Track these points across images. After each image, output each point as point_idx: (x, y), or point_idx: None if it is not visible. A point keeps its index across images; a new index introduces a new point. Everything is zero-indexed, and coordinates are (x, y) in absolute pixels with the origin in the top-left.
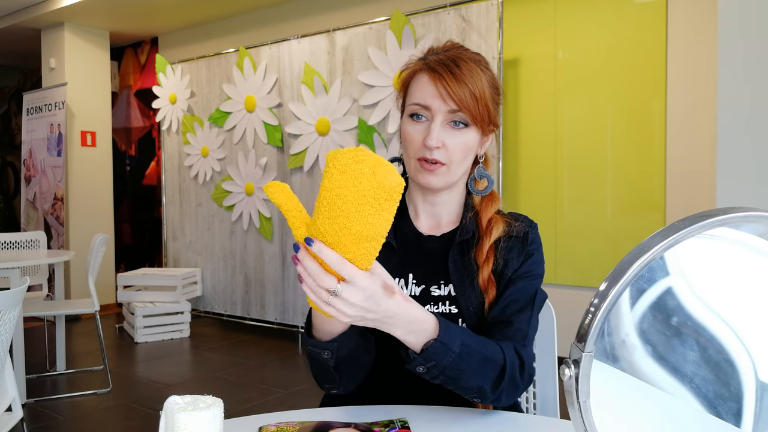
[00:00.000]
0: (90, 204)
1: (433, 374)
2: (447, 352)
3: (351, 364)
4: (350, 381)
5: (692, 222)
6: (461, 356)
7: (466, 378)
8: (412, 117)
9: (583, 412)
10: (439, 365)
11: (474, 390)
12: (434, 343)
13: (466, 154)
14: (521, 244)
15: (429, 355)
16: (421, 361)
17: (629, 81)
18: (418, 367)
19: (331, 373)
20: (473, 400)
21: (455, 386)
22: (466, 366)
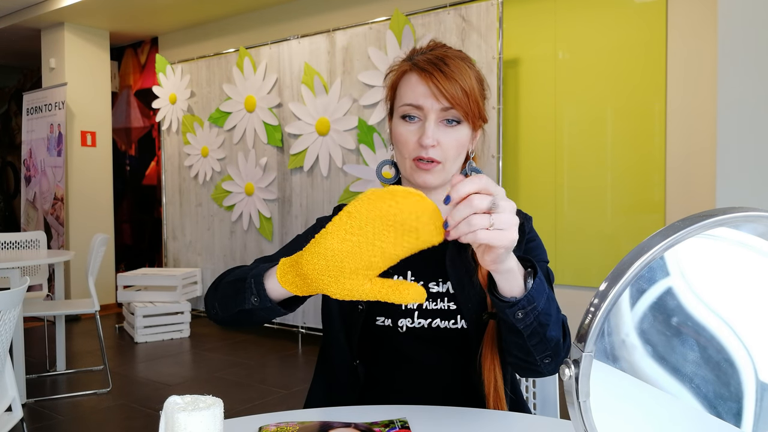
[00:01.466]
0: (90, 204)
1: (528, 320)
2: (543, 293)
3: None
4: (233, 323)
5: (692, 222)
6: (550, 300)
7: (551, 327)
8: (404, 118)
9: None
10: (537, 308)
11: (552, 343)
12: (537, 280)
13: (460, 150)
14: (519, 236)
15: (532, 294)
16: (524, 302)
17: (629, 81)
18: (518, 312)
19: (234, 308)
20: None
21: (539, 338)
22: (552, 311)
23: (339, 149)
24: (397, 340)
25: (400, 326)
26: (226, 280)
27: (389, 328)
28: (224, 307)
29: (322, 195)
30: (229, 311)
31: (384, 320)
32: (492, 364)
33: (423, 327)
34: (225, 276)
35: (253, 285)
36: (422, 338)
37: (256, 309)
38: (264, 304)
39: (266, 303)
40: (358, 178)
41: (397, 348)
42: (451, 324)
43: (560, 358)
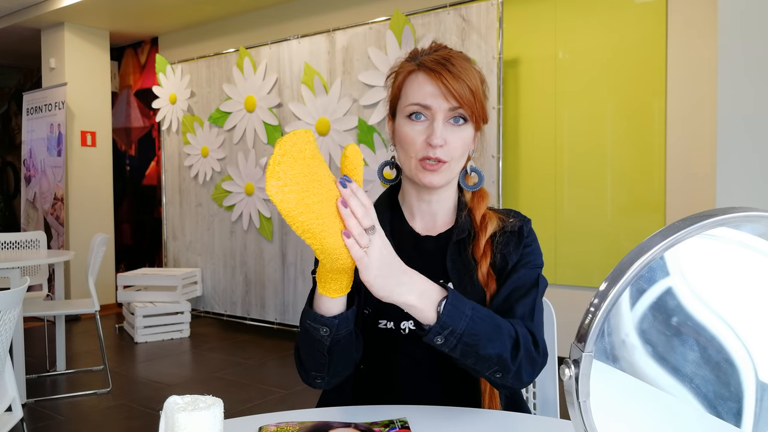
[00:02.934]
0: (90, 204)
1: (451, 344)
2: (460, 315)
3: (343, 352)
4: (336, 372)
5: (692, 222)
6: (474, 320)
7: (483, 344)
8: (410, 117)
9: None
10: (455, 331)
11: (494, 359)
12: (446, 305)
13: (465, 150)
14: (517, 239)
15: (444, 320)
16: (437, 329)
17: (629, 81)
18: (435, 338)
19: (323, 356)
20: (494, 377)
21: (474, 358)
22: (480, 330)
23: (339, 149)
24: (399, 342)
25: (403, 328)
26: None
27: (392, 331)
28: (318, 366)
29: None
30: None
31: (387, 323)
32: None
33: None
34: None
35: (312, 323)
36: None
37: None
38: (332, 324)
39: (333, 321)
40: None
41: (399, 350)
42: None
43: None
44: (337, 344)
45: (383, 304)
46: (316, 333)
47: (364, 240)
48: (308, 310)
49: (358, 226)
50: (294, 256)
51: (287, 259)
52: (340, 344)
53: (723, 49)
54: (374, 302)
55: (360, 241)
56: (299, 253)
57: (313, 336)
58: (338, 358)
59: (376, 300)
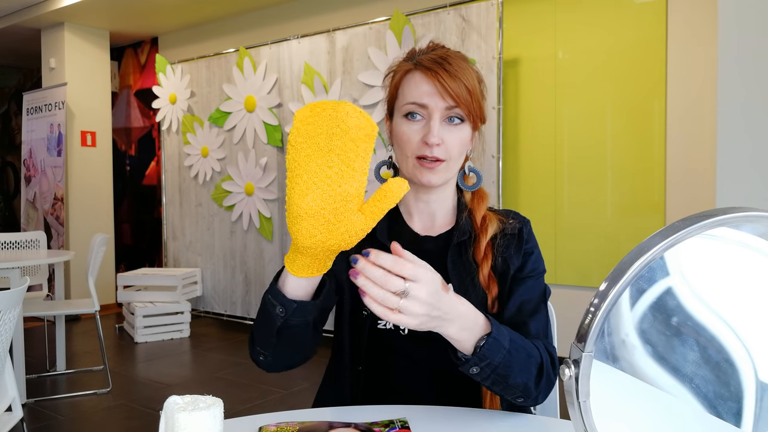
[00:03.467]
0: (90, 204)
1: (484, 374)
2: (499, 349)
3: (293, 339)
4: (281, 358)
5: (692, 222)
6: (510, 352)
7: (514, 375)
8: (407, 116)
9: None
10: (492, 363)
11: (519, 388)
12: (488, 339)
13: (463, 149)
14: (517, 242)
15: (484, 353)
16: (475, 360)
17: (629, 81)
18: (471, 369)
19: (272, 336)
20: (516, 401)
21: (502, 386)
22: (514, 362)
23: None
24: (398, 343)
25: (402, 329)
26: (256, 320)
27: (391, 332)
28: (264, 343)
29: None
30: (270, 344)
31: (386, 324)
32: None
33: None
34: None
35: (271, 298)
36: (424, 340)
37: (288, 319)
38: (290, 308)
39: (291, 305)
40: None
41: (399, 350)
42: None
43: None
44: (288, 329)
45: None
46: (272, 309)
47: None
48: (272, 285)
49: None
50: None
51: None
52: (291, 331)
53: (723, 48)
54: None
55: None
56: None
57: (268, 311)
58: (286, 343)
59: None
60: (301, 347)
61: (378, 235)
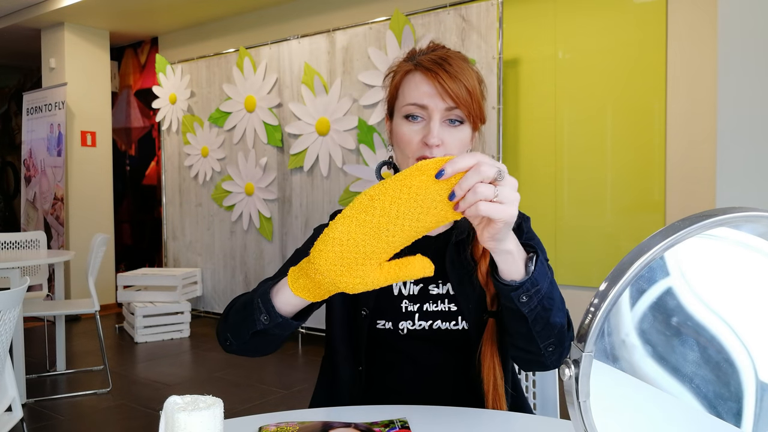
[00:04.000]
0: (90, 204)
1: (533, 303)
2: (545, 276)
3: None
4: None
5: (692, 222)
6: (552, 284)
7: (555, 311)
8: (407, 118)
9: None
10: (540, 291)
11: (556, 329)
12: (538, 263)
13: (462, 150)
14: (516, 234)
15: (536, 277)
16: (528, 285)
17: (629, 81)
18: (522, 295)
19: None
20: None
21: (543, 323)
22: (556, 296)
23: (339, 149)
24: (398, 343)
25: (401, 329)
26: (235, 308)
27: (390, 331)
28: (236, 334)
29: (322, 195)
30: (242, 338)
31: (385, 323)
32: (492, 362)
33: (424, 329)
34: (233, 304)
35: (261, 304)
36: (423, 340)
37: (268, 328)
38: (275, 320)
39: (277, 319)
40: (358, 178)
41: (398, 350)
42: (452, 325)
43: (564, 348)
44: (262, 334)
45: (381, 305)
46: (257, 314)
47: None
48: (266, 291)
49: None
50: None
51: (287, 258)
52: (265, 337)
53: (723, 49)
54: (371, 303)
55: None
56: None
57: (251, 311)
58: (255, 342)
59: (373, 301)
60: (270, 348)
61: None
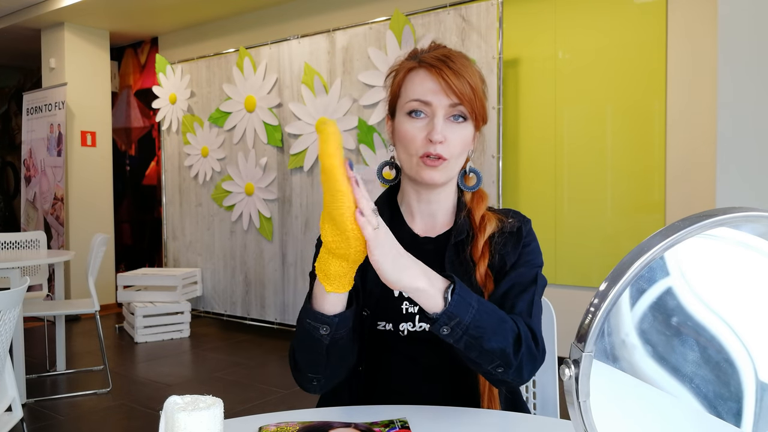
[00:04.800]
0: (90, 204)
1: (456, 335)
2: (467, 306)
3: (340, 353)
4: (332, 375)
5: (692, 222)
6: (480, 312)
7: (488, 337)
8: (410, 114)
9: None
10: (462, 322)
11: (497, 354)
12: (454, 294)
13: (465, 148)
14: (515, 239)
15: (452, 310)
16: (445, 319)
17: (629, 81)
18: (442, 329)
19: (322, 356)
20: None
21: (478, 351)
22: (486, 323)
23: None
24: (398, 344)
25: (402, 330)
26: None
27: (390, 333)
28: (314, 367)
29: (322, 195)
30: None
31: (385, 325)
32: None
33: (424, 330)
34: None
35: (311, 321)
36: (423, 341)
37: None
38: (333, 323)
39: (334, 320)
40: None
41: (399, 351)
42: None
43: (516, 368)
44: (335, 344)
45: (382, 306)
46: (315, 332)
47: (374, 220)
48: (308, 308)
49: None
50: (294, 256)
51: (287, 259)
52: (338, 345)
53: (723, 49)
54: (373, 304)
55: (371, 220)
56: (299, 253)
57: (312, 335)
58: (336, 360)
59: (374, 302)
60: (348, 359)
61: None
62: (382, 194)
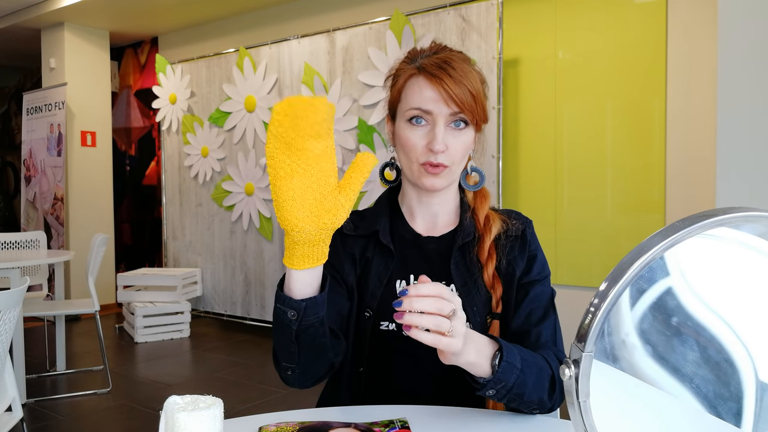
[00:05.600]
0: (90, 204)
1: (501, 395)
2: (512, 370)
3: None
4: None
5: (692, 222)
6: (523, 371)
7: (528, 392)
8: (410, 121)
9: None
10: (507, 385)
11: (535, 403)
12: (503, 363)
13: (466, 152)
14: (521, 244)
15: (499, 376)
16: (492, 384)
17: (629, 81)
18: (488, 391)
19: (292, 343)
20: (532, 413)
21: (518, 402)
22: (528, 380)
23: (339, 149)
24: (401, 344)
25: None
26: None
27: (393, 332)
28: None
29: None
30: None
31: (388, 325)
32: None
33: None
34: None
35: (280, 305)
36: None
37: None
38: (300, 307)
39: (301, 305)
40: None
41: (401, 351)
42: None
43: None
44: (305, 331)
45: (383, 306)
46: (284, 317)
47: (445, 326)
48: (278, 293)
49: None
50: None
51: None
52: (309, 332)
53: (723, 49)
54: (374, 304)
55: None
56: None
57: (282, 320)
58: (308, 349)
59: (376, 301)
60: (323, 350)
61: (381, 236)
62: (382, 194)
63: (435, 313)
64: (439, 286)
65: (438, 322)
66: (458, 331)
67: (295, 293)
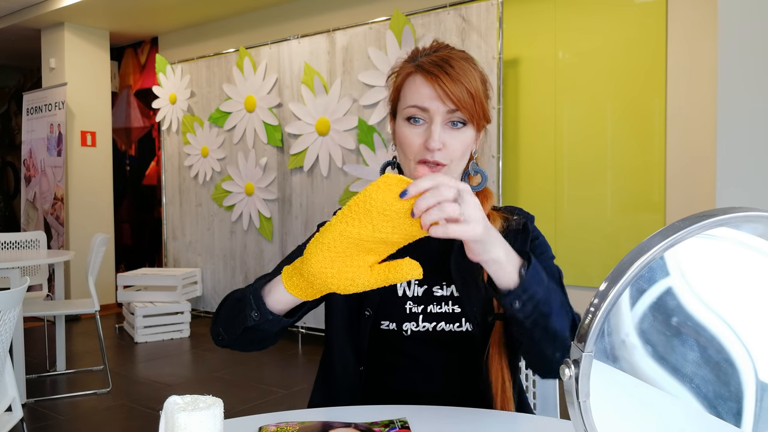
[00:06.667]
0: (90, 204)
1: (527, 310)
2: (540, 281)
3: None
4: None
5: (692, 222)
6: (549, 288)
7: (553, 317)
8: (408, 120)
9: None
10: (534, 297)
11: (558, 333)
12: (530, 271)
13: (465, 152)
14: (523, 236)
15: (527, 283)
16: (519, 291)
17: (629, 81)
18: (515, 302)
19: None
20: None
21: (542, 329)
22: (553, 299)
23: (339, 149)
24: (401, 344)
25: (405, 330)
26: (227, 303)
27: (394, 332)
28: (228, 330)
29: (322, 195)
30: (233, 333)
31: (389, 324)
32: (499, 365)
33: (428, 330)
34: (226, 300)
35: (252, 300)
36: (427, 341)
37: (258, 324)
38: (265, 317)
39: (267, 316)
40: (358, 178)
41: (402, 351)
42: (456, 327)
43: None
44: (254, 330)
45: (385, 306)
46: (248, 310)
47: (454, 210)
48: (257, 288)
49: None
50: None
51: None
52: (257, 333)
53: (723, 49)
54: (375, 304)
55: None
56: None
57: (243, 307)
58: (249, 338)
59: (377, 302)
60: (262, 341)
61: None
62: None
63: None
64: (438, 176)
65: (443, 208)
66: (472, 216)
67: (270, 303)
